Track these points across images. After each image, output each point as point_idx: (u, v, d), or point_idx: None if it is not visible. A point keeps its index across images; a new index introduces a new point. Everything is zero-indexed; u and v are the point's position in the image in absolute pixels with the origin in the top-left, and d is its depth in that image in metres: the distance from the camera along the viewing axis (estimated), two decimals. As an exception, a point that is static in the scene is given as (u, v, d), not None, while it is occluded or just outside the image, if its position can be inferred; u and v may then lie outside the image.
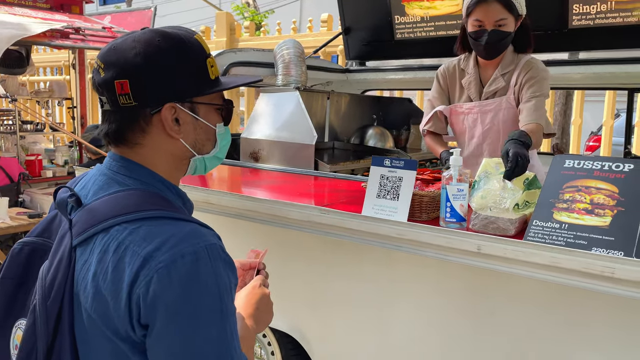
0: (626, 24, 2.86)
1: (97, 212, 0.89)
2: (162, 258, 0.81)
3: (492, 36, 2.02)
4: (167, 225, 0.86)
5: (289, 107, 2.80)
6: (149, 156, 0.95)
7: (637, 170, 1.40)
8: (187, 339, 0.81)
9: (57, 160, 5.72)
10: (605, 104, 4.61)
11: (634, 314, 1.35)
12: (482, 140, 2.20)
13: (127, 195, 0.90)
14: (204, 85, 0.97)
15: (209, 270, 0.83)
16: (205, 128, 0.99)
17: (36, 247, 0.96)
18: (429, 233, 1.51)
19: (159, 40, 0.92)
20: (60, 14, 5.33)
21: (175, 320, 0.81)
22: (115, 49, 0.93)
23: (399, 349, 1.80)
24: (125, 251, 0.83)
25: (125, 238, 0.84)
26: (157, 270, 0.81)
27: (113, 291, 0.83)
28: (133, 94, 0.90)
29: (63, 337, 0.87)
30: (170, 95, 0.93)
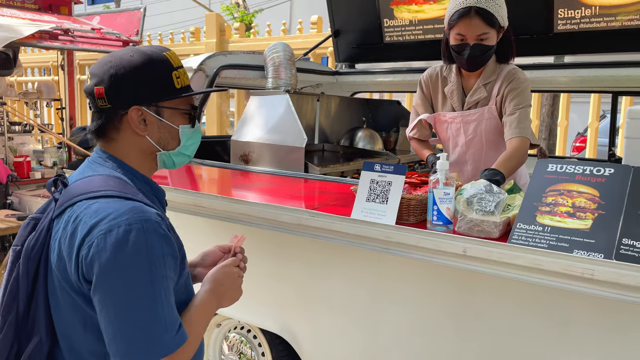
0: (610, 28, 2.92)
1: (71, 191, 1.11)
2: (102, 227, 1.01)
3: (474, 50, 2.03)
4: (115, 202, 1.06)
5: (279, 110, 2.82)
6: (122, 149, 1.18)
7: (618, 174, 1.45)
8: (116, 294, 1.00)
9: (46, 162, 5.69)
10: (591, 106, 4.68)
11: (613, 314, 1.39)
12: (466, 149, 2.23)
13: (94, 179, 1.12)
14: (168, 93, 1.18)
15: (141, 240, 1.01)
16: (168, 128, 1.20)
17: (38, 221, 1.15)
18: (416, 236, 1.54)
19: (132, 55, 1.16)
20: (49, 15, 5.31)
21: (106, 278, 1.00)
22: (99, 62, 1.17)
23: (388, 349, 1.83)
24: (79, 221, 1.05)
25: (82, 211, 1.06)
26: (97, 236, 1.01)
27: (68, 253, 1.04)
28: (107, 98, 1.14)
29: (39, 290, 1.10)
30: (136, 99, 1.15)
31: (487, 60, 2.10)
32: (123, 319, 1.00)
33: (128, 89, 1.14)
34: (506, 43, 2.12)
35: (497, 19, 2.01)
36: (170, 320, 1.04)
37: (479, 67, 2.12)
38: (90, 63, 8.52)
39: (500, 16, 2.02)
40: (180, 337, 1.05)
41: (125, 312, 1.00)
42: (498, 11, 2.00)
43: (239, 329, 2.42)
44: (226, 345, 2.46)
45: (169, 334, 1.02)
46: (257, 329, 2.31)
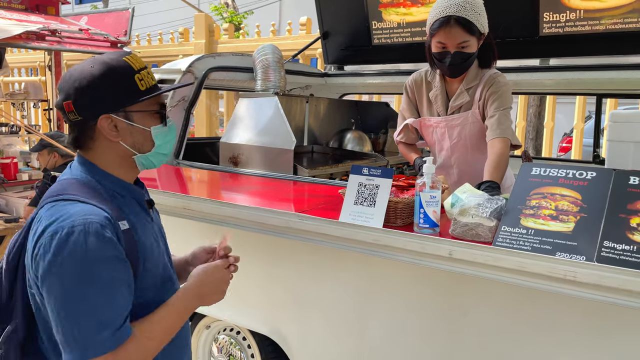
0: (594, 32, 2.97)
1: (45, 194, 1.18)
2: (51, 229, 1.07)
3: (455, 57, 2.05)
4: (69, 205, 1.11)
5: (268, 112, 2.83)
6: (99, 156, 1.22)
7: (599, 177, 1.48)
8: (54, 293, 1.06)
9: (33, 163, 5.63)
10: (576, 108, 4.75)
11: (596, 315, 1.42)
12: (451, 153, 2.26)
13: (61, 182, 1.18)
14: (133, 97, 1.20)
15: (80, 241, 1.06)
16: (140, 131, 1.22)
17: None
18: (403, 239, 1.56)
19: (92, 66, 1.18)
20: (36, 15, 5.26)
21: (47, 277, 1.06)
22: (64, 78, 1.21)
23: (377, 350, 1.85)
24: (39, 223, 1.11)
25: (43, 214, 1.12)
26: (45, 238, 1.07)
27: (30, 252, 1.11)
28: (77, 110, 1.18)
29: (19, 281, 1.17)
30: (103, 108, 1.18)
31: (469, 66, 2.13)
32: (60, 317, 1.06)
33: (94, 100, 1.17)
34: (487, 48, 2.15)
35: (477, 27, 2.03)
36: (106, 319, 1.07)
37: (461, 74, 2.15)
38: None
39: (480, 24, 2.04)
40: (119, 336, 1.07)
41: (61, 311, 1.06)
42: (478, 19, 2.03)
43: (228, 330, 2.42)
44: (215, 347, 2.47)
45: (105, 333, 1.06)
46: (246, 330, 2.32)
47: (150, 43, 8.09)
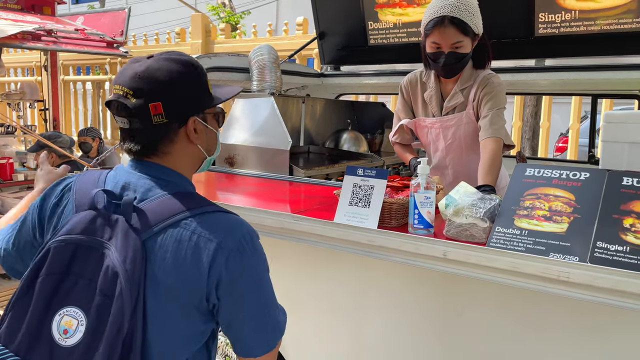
0: (590, 32, 2.98)
1: (159, 211, 1.09)
2: (232, 240, 1.07)
3: (449, 58, 2.06)
4: (221, 216, 1.11)
5: (264, 112, 2.83)
6: (175, 161, 1.17)
7: (593, 178, 1.48)
8: (257, 293, 1.12)
9: (29, 164, 5.61)
10: (572, 108, 4.76)
11: (589, 316, 1.43)
12: (446, 154, 2.27)
13: (180, 196, 1.12)
14: (209, 99, 1.20)
15: (259, 246, 1.14)
16: (212, 133, 1.23)
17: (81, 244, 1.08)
18: (397, 239, 1.56)
19: (176, 66, 1.13)
20: (32, 15, 5.25)
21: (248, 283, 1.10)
22: (142, 78, 1.11)
23: (372, 350, 1.85)
24: (199, 239, 1.06)
25: (195, 228, 1.07)
26: (231, 250, 1.07)
27: (194, 270, 1.05)
28: (165, 113, 1.11)
29: (138, 311, 1.04)
30: (192, 110, 1.16)
31: (463, 67, 2.13)
32: (263, 311, 1.13)
33: (186, 101, 1.14)
34: (482, 49, 2.15)
35: (471, 28, 2.03)
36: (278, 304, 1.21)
37: (455, 74, 2.15)
38: (74, 64, 8.45)
39: (474, 24, 2.05)
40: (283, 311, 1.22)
41: (264, 307, 1.14)
42: (472, 20, 2.03)
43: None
44: (211, 348, 2.47)
45: (281, 312, 1.20)
46: (242, 331, 2.32)
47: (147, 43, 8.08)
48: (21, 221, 1.26)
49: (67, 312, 1.05)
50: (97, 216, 1.10)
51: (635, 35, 2.83)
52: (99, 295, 1.04)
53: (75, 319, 1.04)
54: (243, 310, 1.11)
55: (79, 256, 1.07)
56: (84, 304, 1.04)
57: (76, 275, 1.06)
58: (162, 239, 1.07)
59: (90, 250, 1.07)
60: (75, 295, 1.06)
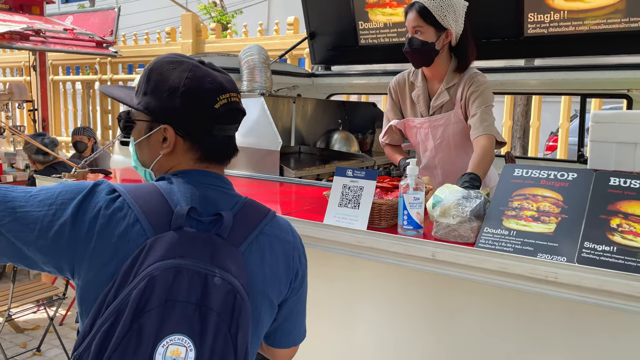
0: (578, 32, 3.00)
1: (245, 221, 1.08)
2: (297, 241, 1.16)
3: (410, 42, 2.12)
4: (279, 218, 1.15)
5: (254, 113, 2.82)
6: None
7: (580, 178, 1.49)
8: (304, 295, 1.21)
9: (18, 164, 5.57)
10: (561, 107, 4.79)
11: (577, 315, 1.44)
12: (435, 153, 2.27)
13: (251, 204, 1.12)
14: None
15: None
16: None
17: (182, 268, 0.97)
18: (386, 240, 1.56)
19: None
20: (20, 15, 5.21)
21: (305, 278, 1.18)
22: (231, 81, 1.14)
23: (362, 351, 1.85)
24: (278, 241, 1.11)
25: (271, 232, 1.10)
26: (297, 249, 1.15)
27: (284, 269, 1.11)
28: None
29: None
30: None
31: (428, 58, 2.15)
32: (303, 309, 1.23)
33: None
34: (464, 49, 2.17)
35: (435, 17, 2.08)
36: None
37: (422, 64, 2.19)
38: (64, 64, 8.38)
39: (440, 16, 2.08)
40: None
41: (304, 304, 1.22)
42: (440, 11, 2.07)
43: (214, 333, 2.41)
44: (202, 349, 2.46)
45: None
46: (232, 333, 2.31)
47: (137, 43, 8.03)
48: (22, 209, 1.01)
49: (172, 340, 0.94)
50: (193, 236, 1.00)
51: (623, 35, 2.86)
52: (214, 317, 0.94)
53: (183, 346, 0.94)
54: (302, 300, 1.20)
55: (180, 281, 0.96)
56: (189, 330, 0.94)
57: (173, 301, 0.95)
58: (254, 249, 1.07)
59: (193, 274, 0.96)
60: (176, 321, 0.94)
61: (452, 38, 2.14)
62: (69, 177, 2.35)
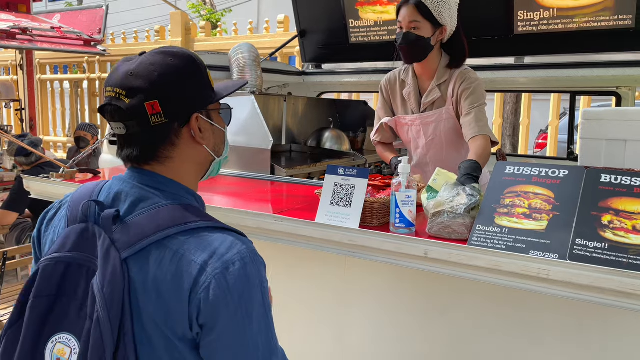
0: (567, 30, 3.01)
1: (144, 226, 0.96)
2: (216, 265, 0.92)
3: (405, 37, 2.10)
4: (212, 234, 0.96)
5: (245, 111, 2.80)
6: (177, 168, 1.05)
7: (571, 176, 1.49)
8: (243, 333, 0.94)
9: (5, 165, 5.50)
10: (551, 105, 4.82)
11: (569, 312, 1.44)
12: (427, 151, 2.27)
13: (170, 209, 0.98)
14: (212, 94, 1.08)
15: (255, 272, 0.96)
16: (218, 132, 1.11)
17: (72, 262, 0.98)
18: (379, 239, 1.55)
19: (172, 59, 1.02)
20: (6, 13, 5.14)
21: (232, 318, 0.92)
22: (134, 75, 0.99)
23: (355, 350, 1.85)
24: (182, 260, 0.93)
25: (179, 248, 0.94)
26: (214, 276, 0.91)
27: (175, 295, 0.92)
28: (164, 112, 0.99)
29: (127, 342, 0.93)
30: (194, 106, 1.04)
31: (422, 53, 2.14)
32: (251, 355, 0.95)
33: (186, 97, 1.02)
34: (457, 46, 2.17)
35: (432, 13, 2.08)
36: (280, 349, 1.02)
37: (413, 59, 2.17)
38: (51, 62, 8.29)
39: (437, 12, 2.08)
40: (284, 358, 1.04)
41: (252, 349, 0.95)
42: (436, 7, 2.08)
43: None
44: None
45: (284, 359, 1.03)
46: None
47: (126, 41, 7.97)
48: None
49: (60, 339, 0.95)
50: (86, 230, 0.99)
51: (612, 32, 2.88)
52: (88, 320, 0.93)
53: (68, 346, 0.94)
54: (223, 349, 0.94)
55: (71, 275, 0.96)
56: (76, 329, 0.94)
57: (68, 297, 0.96)
58: (144, 259, 0.94)
59: (81, 269, 0.96)
60: (67, 319, 0.96)
61: (445, 34, 2.14)
62: (56, 177, 2.31)
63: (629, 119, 1.68)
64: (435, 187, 1.65)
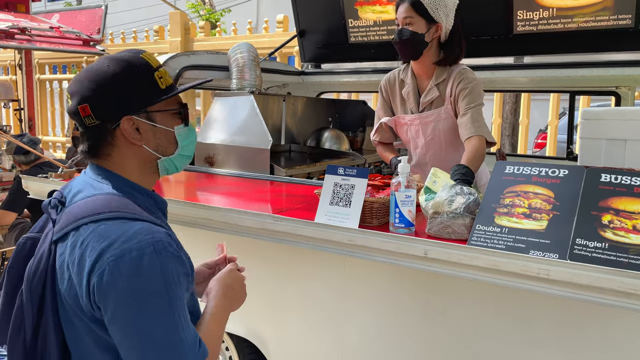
0: (567, 29, 3.00)
1: (72, 213, 1.06)
2: (113, 253, 0.98)
3: (400, 34, 2.12)
4: (121, 224, 1.02)
5: (244, 111, 2.80)
6: (119, 164, 1.14)
7: (571, 175, 1.49)
8: (136, 322, 0.97)
9: (4, 164, 5.49)
10: (550, 105, 4.81)
11: (569, 312, 1.44)
12: (426, 150, 2.27)
13: (96, 199, 1.07)
14: (154, 96, 1.13)
15: (155, 263, 0.99)
16: (164, 132, 1.16)
17: (35, 241, 1.13)
18: (378, 239, 1.55)
19: (108, 65, 1.10)
20: (5, 13, 5.13)
21: (124, 306, 0.97)
22: (75, 80, 1.11)
23: (354, 350, 1.84)
24: (87, 246, 1.00)
25: (87, 235, 1.01)
26: (109, 263, 0.97)
27: (78, 279, 1.00)
28: (94, 114, 1.09)
29: (47, 317, 1.04)
30: (124, 109, 1.10)
31: (418, 50, 2.15)
32: (146, 346, 0.98)
33: (114, 101, 1.09)
34: (453, 44, 2.17)
35: (427, 9, 2.09)
36: (191, 340, 1.03)
37: (410, 57, 2.18)
38: (50, 62, 8.28)
39: (432, 9, 2.09)
40: (203, 353, 1.04)
41: (147, 339, 0.97)
42: (431, 4, 2.09)
43: (205, 333, 2.39)
44: (193, 350, 2.43)
45: (192, 354, 1.02)
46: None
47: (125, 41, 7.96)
48: None
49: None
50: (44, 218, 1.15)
51: (611, 32, 2.87)
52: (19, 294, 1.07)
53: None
54: (121, 334, 0.99)
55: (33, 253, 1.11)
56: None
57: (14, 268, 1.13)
58: (64, 244, 1.04)
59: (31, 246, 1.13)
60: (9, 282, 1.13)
61: (441, 33, 2.14)
62: (55, 177, 2.31)
63: (629, 118, 1.68)
64: (433, 188, 1.65)
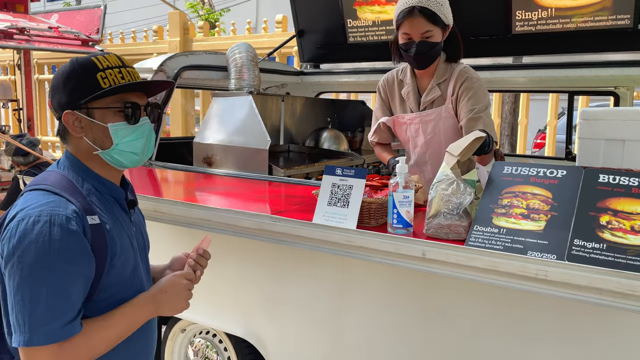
0: (566, 30, 3.00)
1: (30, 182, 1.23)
2: (18, 217, 1.12)
3: (419, 47, 2.07)
4: (40, 195, 1.16)
5: (242, 111, 2.79)
6: (74, 151, 1.28)
7: (570, 176, 1.49)
8: (14, 279, 1.09)
9: (3, 164, 5.49)
10: (549, 105, 4.82)
11: (567, 313, 1.43)
12: (425, 149, 2.26)
13: (44, 174, 1.25)
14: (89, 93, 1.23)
15: (44, 231, 1.10)
16: (100, 127, 1.25)
17: None
18: (376, 239, 1.55)
19: (65, 67, 1.26)
20: (4, 13, 5.13)
21: (9, 263, 1.10)
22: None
23: (352, 350, 1.84)
24: (14, 208, 1.17)
25: (20, 200, 1.18)
26: (12, 225, 1.12)
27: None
28: (53, 107, 1.27)
29: None
30: (64, 105, 1.24)
31: (435, 57, 2.14)
32: (16, 300, 1.09)
33: (60, 96, 1.24)
34: (454, 41, 2.17)
35: (440, 17, 2.06)
36: (59, 310, 1.10)
37: (427, 65, 2.16)
38: (49, 62, 8.28)
39: (443, 14, 2.07)
40: (69, 329, 1.11)
41: (16, 294, 1.09)
42: (440, 10, 2.06)
43: (204, 333, 2.39)
44: (191, 350, 2.43)
45: (56, 323, 1.09)
46: (222, 333, 2.29)
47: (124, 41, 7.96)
48: None
49: None
50: None
51: (610, 32, 2.87)
52: None
53: None
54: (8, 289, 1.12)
55: None
56: None
57: None
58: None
59: None
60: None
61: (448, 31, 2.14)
62: (53, 178, 2.31)
63: (627, 118, 1.67)
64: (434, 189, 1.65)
